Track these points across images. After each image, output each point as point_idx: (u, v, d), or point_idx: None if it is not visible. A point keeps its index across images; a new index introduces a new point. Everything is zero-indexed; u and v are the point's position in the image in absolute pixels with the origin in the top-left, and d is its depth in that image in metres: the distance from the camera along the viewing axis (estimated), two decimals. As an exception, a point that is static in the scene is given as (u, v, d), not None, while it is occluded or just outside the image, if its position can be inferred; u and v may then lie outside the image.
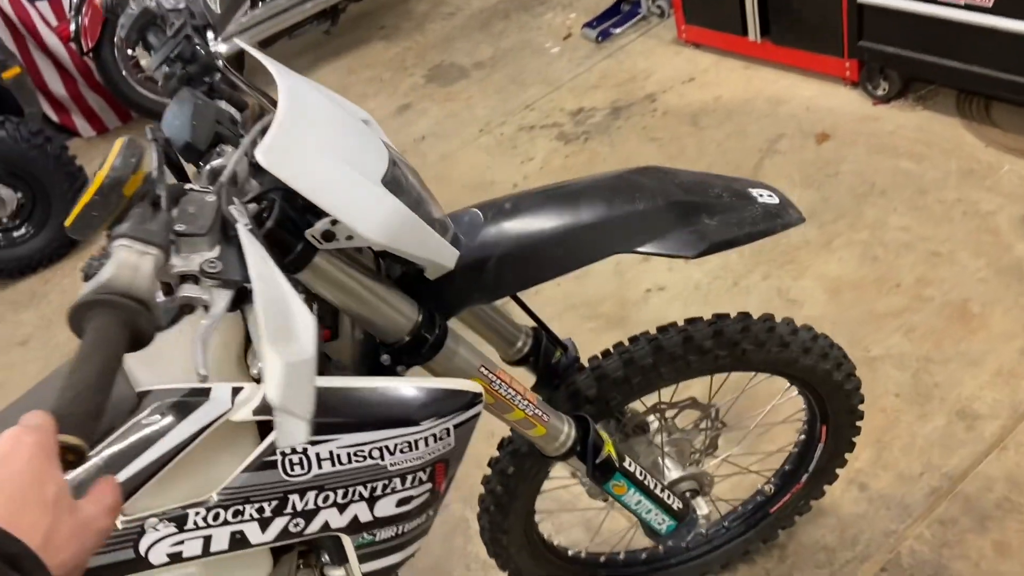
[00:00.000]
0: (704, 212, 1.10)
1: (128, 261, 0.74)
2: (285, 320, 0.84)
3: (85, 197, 0.78)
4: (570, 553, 1.72)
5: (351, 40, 4.77)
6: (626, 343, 1.37)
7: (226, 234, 0.84)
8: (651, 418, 1.51)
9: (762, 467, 1.76)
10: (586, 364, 1.39)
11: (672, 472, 1.50)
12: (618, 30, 3.93)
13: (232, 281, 0.82)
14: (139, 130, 4.44)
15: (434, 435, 0.94)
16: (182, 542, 0.90)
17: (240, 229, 0.84)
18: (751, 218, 1.12)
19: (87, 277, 0.81)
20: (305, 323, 0.83)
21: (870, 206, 2.63)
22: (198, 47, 0.95)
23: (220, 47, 1.04)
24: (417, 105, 4.01)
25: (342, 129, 0.96)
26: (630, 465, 1.34)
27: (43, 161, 3.53)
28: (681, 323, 1.37)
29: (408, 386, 0.95)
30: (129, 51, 4.23)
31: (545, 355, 1.36)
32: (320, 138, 0.91)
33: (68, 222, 0.80)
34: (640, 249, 1.07)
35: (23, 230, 3.64)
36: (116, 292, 0.72)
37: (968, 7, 2.53)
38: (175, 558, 0.90)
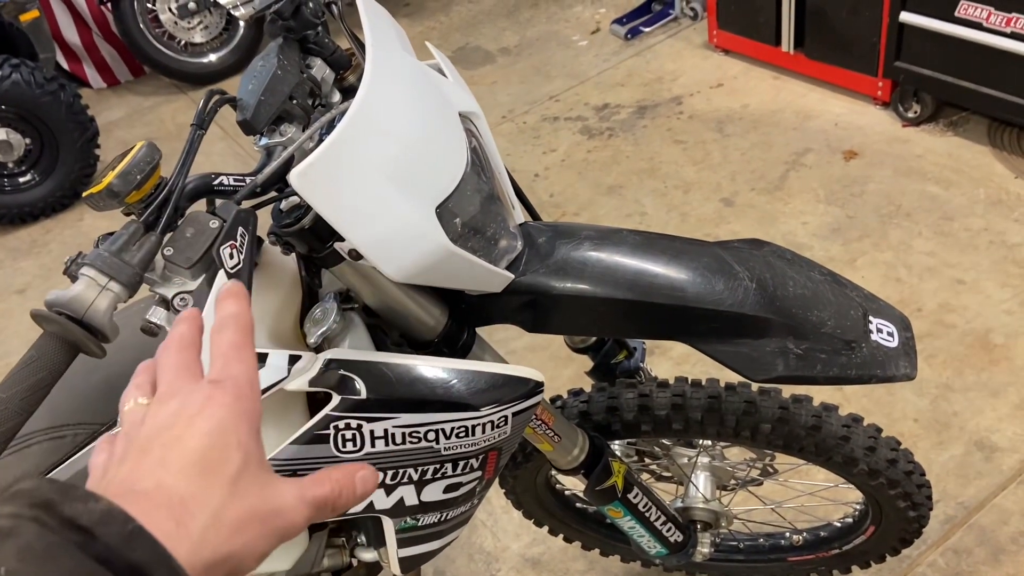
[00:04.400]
0: (792, 335, 0.99)
1: (87, 293, 0.77)
2: None
3: (95, 188, 0.81)
4: (577, 505, 1.66)
5: (374, 15, 4.70)
6: (689, 383, 1.28)
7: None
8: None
9: (794, 518, 1.69)
10: (644, 378, 1.33)
11: (695, 495, 1.45)
12: (648, 29, 3.89)
13: None
14: (152, 85, 4.27)
15: (492, 422, 0.91)
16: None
17: (217, 281, 0.80)
18: (844, 360, 0.99)
19: (67, 273, 0.80)
20: None
21: (895, 228, 2.61)
22: (303, 5, 0.90)
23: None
24: (438, 86, 3.95)
25: (418, 134, 0.85)
26: (635, 496, 1.30)
27: (55, 108, 3.44)
28: (786, 395, 1.27)
29: (469, 369, 0.91)
30: (149, 4, 4.15)
31: (607, 353, 1.32)
32: (380, 151, 0.80)
33: (85, 195, 0.83)
34: (702, 349, 0.99)
35: (28, 176, 3.54)
36: (71, 315, 0.76)
37: (1014, 36, 2.51)
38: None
